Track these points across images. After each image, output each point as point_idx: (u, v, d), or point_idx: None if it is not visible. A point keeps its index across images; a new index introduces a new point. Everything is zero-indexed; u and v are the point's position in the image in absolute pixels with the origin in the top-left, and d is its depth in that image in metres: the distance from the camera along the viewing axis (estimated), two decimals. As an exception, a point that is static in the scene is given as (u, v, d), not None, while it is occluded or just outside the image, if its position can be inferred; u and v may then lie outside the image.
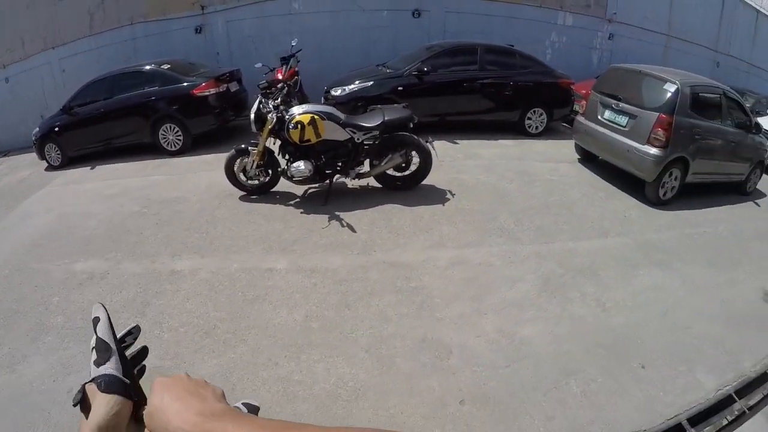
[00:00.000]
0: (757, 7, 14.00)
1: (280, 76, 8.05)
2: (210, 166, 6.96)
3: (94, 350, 0.62)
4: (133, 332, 0.69)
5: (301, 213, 5.23)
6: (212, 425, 0.52)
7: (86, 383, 0.58)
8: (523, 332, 3.40)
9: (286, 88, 5.58)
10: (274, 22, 10.32)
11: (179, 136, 7.84)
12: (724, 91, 6.44)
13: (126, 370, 0.61)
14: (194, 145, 7.94)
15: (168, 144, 7.88)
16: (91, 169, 7.78)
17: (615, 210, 5.63)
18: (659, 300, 3.92)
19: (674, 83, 5.84)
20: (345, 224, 4.91)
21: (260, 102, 5.29)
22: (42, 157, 8.47)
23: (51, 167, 8.36)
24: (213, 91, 7.80)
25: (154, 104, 7.85)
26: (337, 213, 5.12)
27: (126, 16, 10.44)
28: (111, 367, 0.59)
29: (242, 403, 0.65)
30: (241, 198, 5.64)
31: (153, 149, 7.91)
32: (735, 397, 2.93)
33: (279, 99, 5.29)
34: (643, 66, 6.69)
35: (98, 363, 0.61)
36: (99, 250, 4.82)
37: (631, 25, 11.64)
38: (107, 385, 0.57)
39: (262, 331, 3.43)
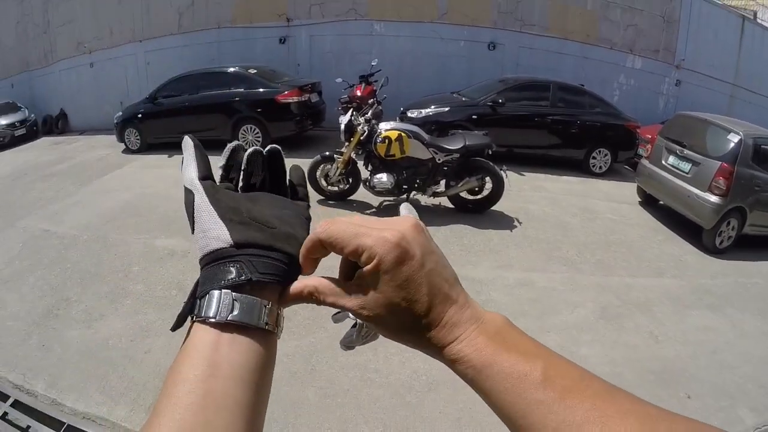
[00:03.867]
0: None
1: (359, 93, 8.39)
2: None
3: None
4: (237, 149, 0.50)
5: (378, 222, 5.68)
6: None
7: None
8: (582, 351, 3.72)
9: (378, 104, 5.97)
10: (355, 41, 10.62)
11: (258, 136, 8.25)
12: (788, 145, 6.43)
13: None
14: (270, 147, 8.47)
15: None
16: (169, 157, 8.23)
17: (672, 253, 5.79)
18: (709, 339, 4.12)
19: (738, 134, 5.92)
20: (420, 237, 5.34)
21: (352, 114, 5.63)
22: (121, 140, 8.94)
23: (128, 150, 8.81)
24: (296, 99, 8.16)
25: (239, 105, 8.26)
26: (412, 226, 5.56)
27: (213, 20, 10.91)
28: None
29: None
30: (319, 201, 6.01)
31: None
32: (773, 436, 3.20)
33: (370, 113, 5.65)
34: (708, 115, 6.77)
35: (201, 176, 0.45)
36: (180, 230, 5.06)
37: (699, 73, 11.46)
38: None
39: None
